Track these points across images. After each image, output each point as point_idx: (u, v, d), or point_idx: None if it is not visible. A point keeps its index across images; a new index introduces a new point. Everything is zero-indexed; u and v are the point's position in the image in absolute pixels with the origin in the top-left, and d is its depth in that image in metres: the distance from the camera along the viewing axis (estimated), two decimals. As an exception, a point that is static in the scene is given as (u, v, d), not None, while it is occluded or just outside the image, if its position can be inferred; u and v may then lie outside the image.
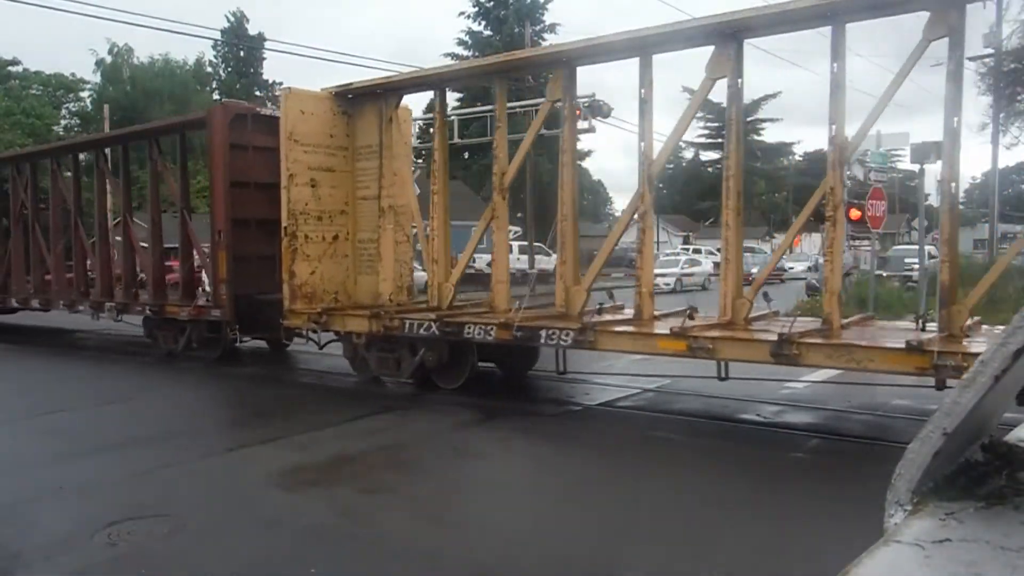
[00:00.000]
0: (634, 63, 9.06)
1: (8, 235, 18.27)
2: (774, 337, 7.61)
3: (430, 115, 14.86)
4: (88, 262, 16.47)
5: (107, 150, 17.30)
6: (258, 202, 12.61)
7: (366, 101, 11.53)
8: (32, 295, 17.46)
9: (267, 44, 58.64)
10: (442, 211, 10.58)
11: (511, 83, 12.25)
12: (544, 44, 40.94)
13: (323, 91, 11.61)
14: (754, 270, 36.71)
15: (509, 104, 11.06)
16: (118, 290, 15.44)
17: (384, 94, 11.24)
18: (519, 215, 45.22)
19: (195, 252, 14.40)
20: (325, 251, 11.60)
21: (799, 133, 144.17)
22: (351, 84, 11.52)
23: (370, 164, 11.42)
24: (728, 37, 8.34)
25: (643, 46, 8.94)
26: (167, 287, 15.23)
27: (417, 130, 20.62)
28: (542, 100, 10.79)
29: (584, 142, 48.41)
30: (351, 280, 11.84)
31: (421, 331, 10.00)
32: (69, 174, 17.63)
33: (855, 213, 17.37)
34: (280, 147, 11.24)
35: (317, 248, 11.49)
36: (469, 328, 9.65)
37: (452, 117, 22.72)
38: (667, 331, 8.38)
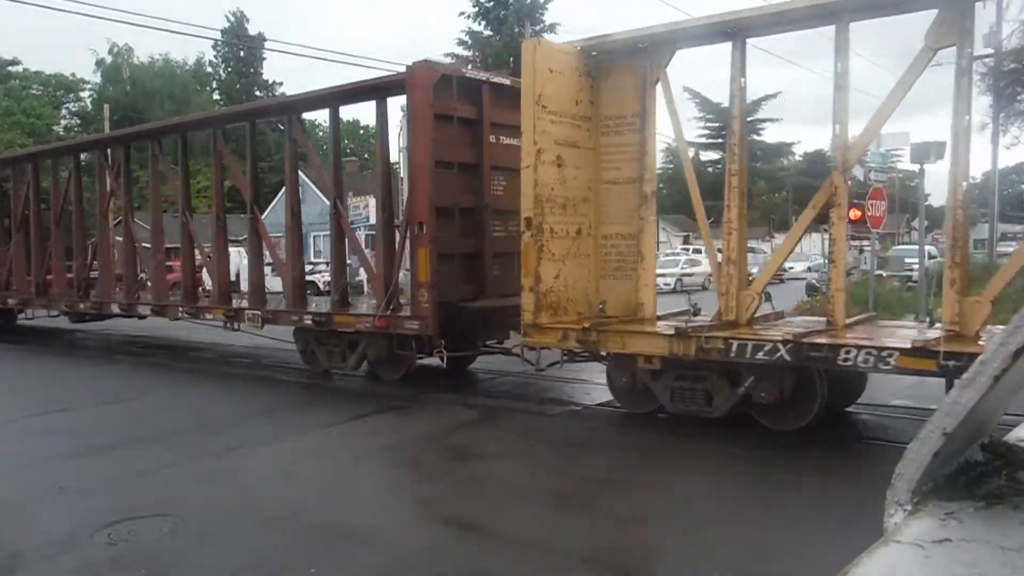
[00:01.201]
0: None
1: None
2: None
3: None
4: (194, 264, 14.61)
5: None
6: (459, 187, 10.45)
7: (620, 59, 9.20)
8: (137, 301, 15.15)
9: (267, 44, 58.71)
10: (739, 197, 8.47)
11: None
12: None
13: (569, 45, 9.55)
14: (754, 270, 36.68)
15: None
16: (242, 297, 13.83)
17: (650, 49, 8.86)
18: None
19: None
20: (569, 249, 9.25)
21: (799, 133, 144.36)
22: (607, 36, 9.19)
23: (622, 139, 9.23)
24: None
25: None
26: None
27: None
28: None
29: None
30: (592, 286, 9.49)
31: (759, 356, 7.58)
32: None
33: (855, 213, 17.37)
34: (523, 115, 8.96)
35: (562, 245, 9.18)
36: (850, 354, 7.16)
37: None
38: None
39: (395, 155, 12.97)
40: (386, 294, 11.27)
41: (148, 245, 15.81)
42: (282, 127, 14.38)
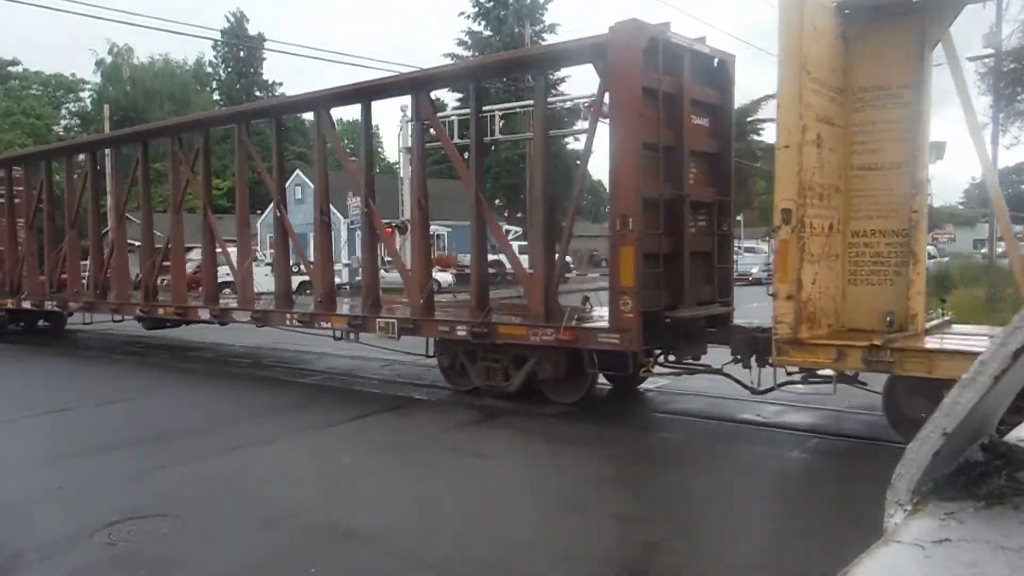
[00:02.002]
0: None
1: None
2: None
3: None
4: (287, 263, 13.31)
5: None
6: (658, 175, 8.95)
7: (884, 19, 7.76)
8: (233, 308, 13.58)
9: (267, 44, 58.72)
10: None
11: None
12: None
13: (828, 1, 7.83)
14: (753, 270, 36.66)
15: (508, 104, 10.91)
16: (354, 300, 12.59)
17: (929, 5, 7.48)
18: (519, 215, 45.24)
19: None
20: (823, 248, 7.77)
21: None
22: None
23: (883, 116, 7.80)
24: None
25: None
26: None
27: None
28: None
29: (583, 142, 48.45)
30: (839, 292, 8.07)
31: None
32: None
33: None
34: (786, 82, 7.39)
35: (818, 244, 7.68)
36: None
37: (452, 117, 22.68)
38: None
39: (394, 155, 12.86)
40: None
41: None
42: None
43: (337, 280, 23.77)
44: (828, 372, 7.72)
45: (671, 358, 9.43)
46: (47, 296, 17.29)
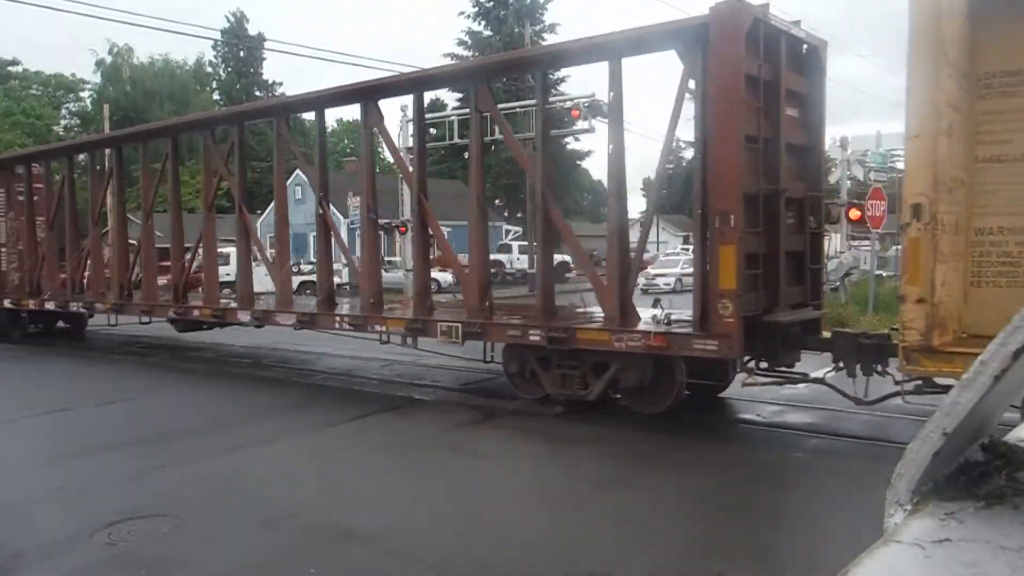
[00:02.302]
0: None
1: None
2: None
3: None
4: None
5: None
6: (756, 169, 8.38)
7: None
8: (279, 309, 12.50)
9: (267, 44, 58.71)
10: None
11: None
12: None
13: None
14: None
15: (508, 104, 10.78)
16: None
17: None
18: (519, 215, 45.23)
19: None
20: (951, 247, 7.07)
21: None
22: None
23: (1014, 104, 7.10)
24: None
25: None
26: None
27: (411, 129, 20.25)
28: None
29: (584, 142, 48.33)
30: (961, 295, 7.36)
31: None
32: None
33: (855, 213, 17.40)
34: (915, 63, 6.65)
35: (948, 242, 6.99)
36: None
37: (453, 117, 22.67)
38: None
39: (389, 155, 12.73)
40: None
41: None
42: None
43: (337, 280, 23.68)
44: (947, 381, 6.93)
45: (763, 365, 8.90)
46: (70, 297, 16.46)
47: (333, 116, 69.66)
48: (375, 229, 11.73)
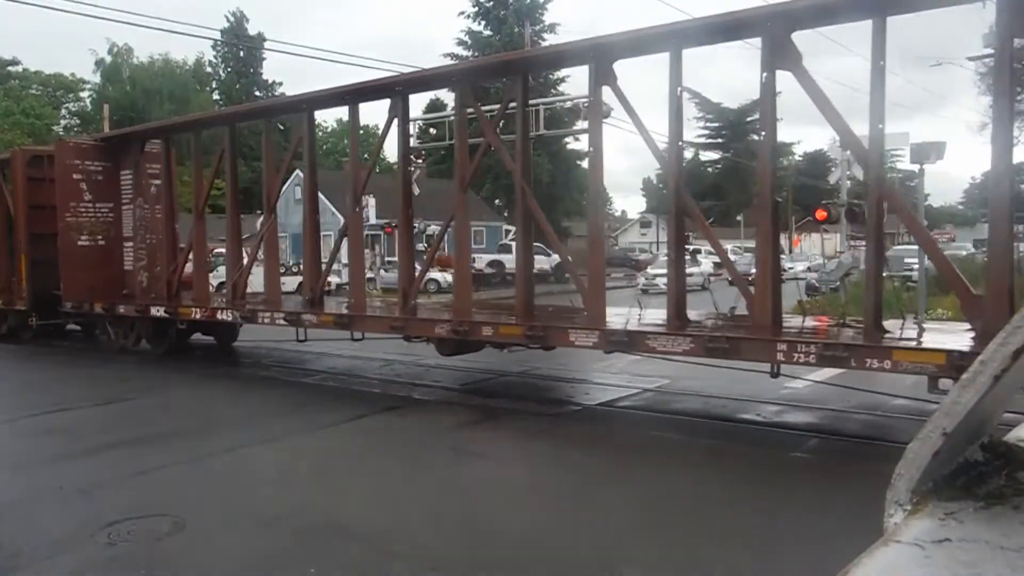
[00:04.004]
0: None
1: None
2: None
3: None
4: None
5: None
6: None
7: None
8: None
9: (267, 44, 58.69)
10: None
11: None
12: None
13: None
14: (753, 270, 36.73)
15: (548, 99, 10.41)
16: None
17: None
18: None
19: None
20: None
21: (799, 133, 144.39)
22: None
23: None
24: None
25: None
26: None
27: (416, 129, 20.18)
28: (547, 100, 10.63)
29: (583, 142, 48.45)
30: None
31: None
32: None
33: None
34: None
35: None
36: None
37: (452, 117, 22.63)
38: None
39: (393, 155, 12.77)
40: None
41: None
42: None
43: (337, 280, 23.56)
44: None
45: None
46: (236, 304, 13.19)
47: (333, 116, 69.57)
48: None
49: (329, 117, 72.68)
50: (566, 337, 9.07)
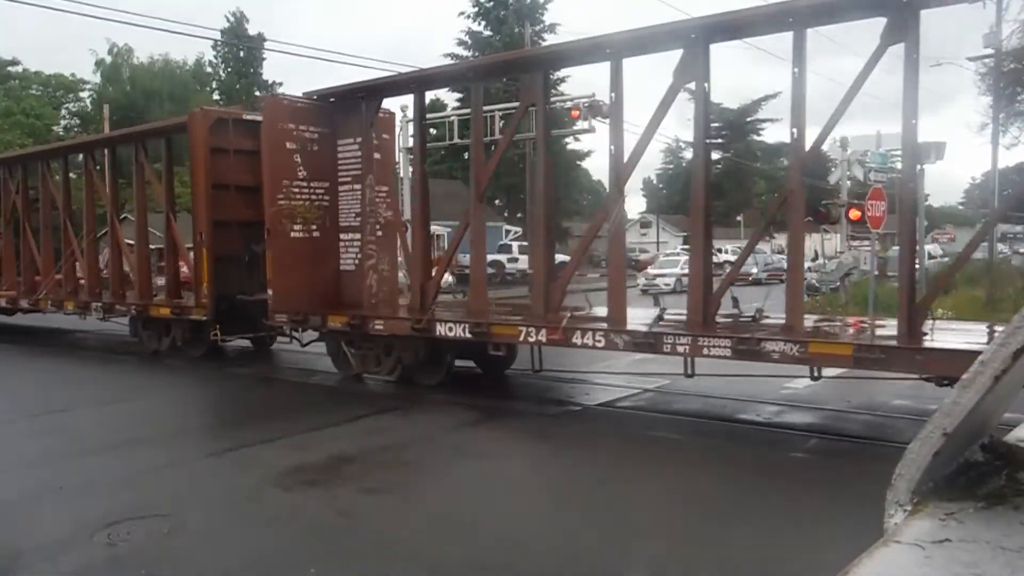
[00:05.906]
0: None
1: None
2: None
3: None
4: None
5: None
6: None
7: None
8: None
9: (267, 44, 58.58)
10: None
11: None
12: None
13: None
14: (753, 270, 36.77)
15: (507, 105, 10.73)
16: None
17: None
18: (519, 215, 45.18)
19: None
20: None
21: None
22: None
23: None
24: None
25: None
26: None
27: (412, 129, 20.13)
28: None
29: (584, 142, 48.29)
30: None
31: None
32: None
33: (855, 213, 17.39)
34: None
35: None
36: None
37: (452, 117, 22.64)
38: None
39: (394, 155, 12.72)
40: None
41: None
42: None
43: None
44: None
45: None
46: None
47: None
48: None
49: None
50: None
